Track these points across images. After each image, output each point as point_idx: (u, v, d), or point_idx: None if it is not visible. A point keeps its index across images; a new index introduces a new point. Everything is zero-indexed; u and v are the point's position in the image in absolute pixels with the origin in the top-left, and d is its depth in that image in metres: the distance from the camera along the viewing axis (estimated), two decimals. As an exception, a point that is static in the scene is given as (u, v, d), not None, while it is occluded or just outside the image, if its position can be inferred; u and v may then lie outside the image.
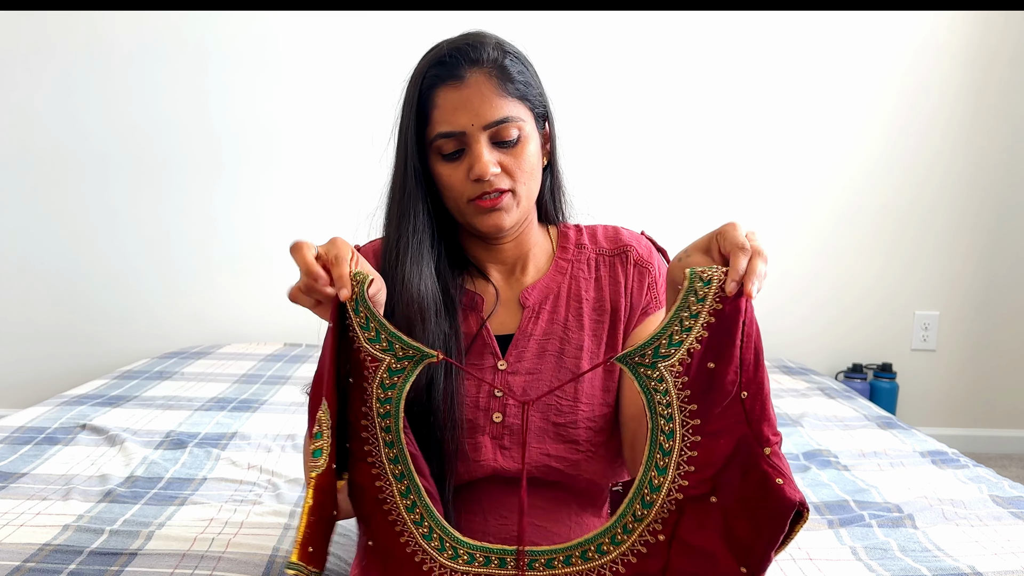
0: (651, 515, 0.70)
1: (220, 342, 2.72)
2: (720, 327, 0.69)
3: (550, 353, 0.94)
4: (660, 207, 2.75)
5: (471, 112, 0.88)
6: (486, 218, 0.91)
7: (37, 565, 1.07)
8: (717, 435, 0.69)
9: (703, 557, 0.69)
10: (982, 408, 2.89)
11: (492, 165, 0.88)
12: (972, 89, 2.72)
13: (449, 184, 0.91)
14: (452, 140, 0.89)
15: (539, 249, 1.00)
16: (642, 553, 0.71)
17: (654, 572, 0.70)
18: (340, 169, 2.71)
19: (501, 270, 0.99)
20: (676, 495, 0.70)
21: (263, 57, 2.68)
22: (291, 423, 1.81)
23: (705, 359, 0.69)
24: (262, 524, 1.26)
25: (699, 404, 0.69)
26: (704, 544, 0.69)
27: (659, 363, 0.70)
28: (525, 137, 0.91)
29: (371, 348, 0.74)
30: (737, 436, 0.68)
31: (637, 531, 0.71)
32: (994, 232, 2.80)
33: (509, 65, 0.91)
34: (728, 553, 0.68)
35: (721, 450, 0.68)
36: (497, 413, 0.91)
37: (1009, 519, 1.31)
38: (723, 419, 0.69)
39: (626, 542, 0.71)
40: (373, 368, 0.74)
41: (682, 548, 0.70)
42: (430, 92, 0.89)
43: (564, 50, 2.67)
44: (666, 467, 0.70)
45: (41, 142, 2.69)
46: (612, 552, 0.72)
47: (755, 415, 0.68)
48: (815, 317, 2.82)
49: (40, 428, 1.71)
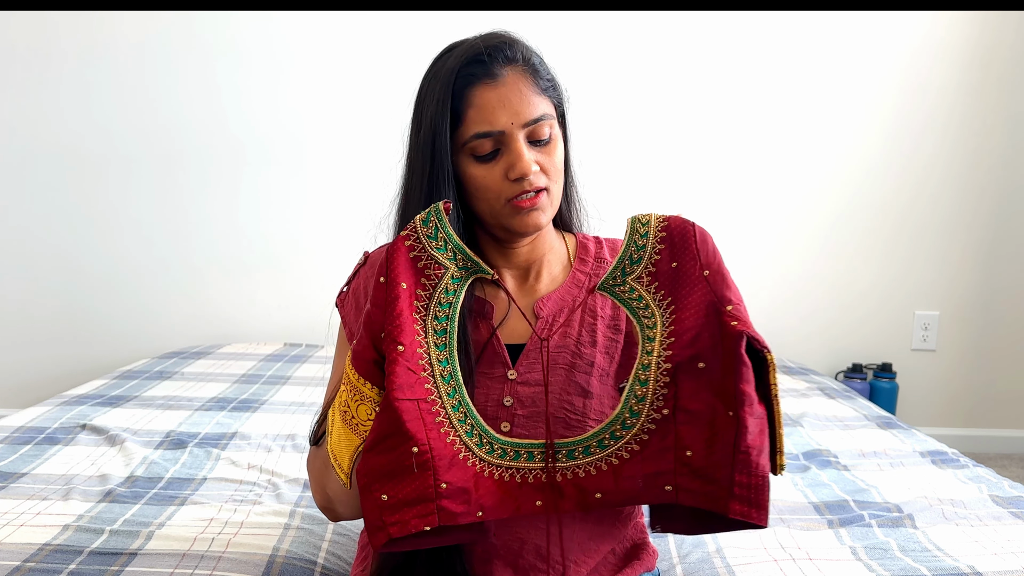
0: (649, 392, 0.79)
1: (220, 342, 2.73)
2: (671, 240, 0.82)
3: (560, 366, 0.92)
4: (659, 207, 2.74)
5: (510, 110, 0.86)
6: (525, 217, 0.89)
7: (37, 565, 1.08)
8: (687, 308, 0.79)
9: (705, 419, 0.76)
10: (982, 408, 2.89)
11: (533, 163, 0.87)
12: (972, 89, 2.73)
13: (484, 185, 0.88)
14: (490, 140, 0.87)
15: (554, 255, 0.99)
16: (651, 430, 0.78)
17: (667, 446, 0.78)
18: (341, 170, 2.71)
19: (515, 275, 0.98)
20: (665, 366, 0.78)
21: (263, 57, 2.68)
22: (291, 423, 1.81)
23: (669, 262, 0.82)
24: (262, 524, 1.26)
25: (672, 296, 0.81)
26: (703, 408, 0.76)
27: (627, 278, 0.83)
28: (556, 136, 0.91)
29: (439, 256, 0.82)
30: (705, 304, 0.78)
31: (643, 412, 0.79)
32: (994, 232, 2.81)
33: (537, 63, 0.91)
34: (720, 405, 0.76)
35: (693, 318, 0.78)
36: (505, 423, 0.90)
37: (1009, 519, 1.31)
38: (692, 295, 0.80)
39: (636, 424, 0.79)
40: (438, 276, 0.82)
41: (686, 416, 0.77)
42: (464, 91, 0.87)
43: (568, 54, 2.67)
44: (652, 350, 0.80)
45: (40, 142, 2.69)
46: (625, 436, 0.80)
47: (716, 284, 0.79)
48: (815, 317, 2.82)
49: (40, 428, 1.71)
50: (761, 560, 1.15)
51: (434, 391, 0.80)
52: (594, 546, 0.94)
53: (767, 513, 0.73)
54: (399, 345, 0.78)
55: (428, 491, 0.76)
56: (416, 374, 0.79)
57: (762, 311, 2.80)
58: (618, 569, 0.97)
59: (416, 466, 0.76)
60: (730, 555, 1.18)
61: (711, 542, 1.23)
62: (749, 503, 0.73)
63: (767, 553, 1.18)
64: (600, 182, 2.76)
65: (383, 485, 0.76)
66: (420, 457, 0.76)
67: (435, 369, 0.81)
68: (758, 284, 2.78)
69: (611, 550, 0.97)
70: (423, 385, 0.79)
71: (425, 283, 0.82)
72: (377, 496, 0.76)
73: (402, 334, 0.79)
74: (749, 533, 1.25)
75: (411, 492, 0.76)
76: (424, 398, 0.79)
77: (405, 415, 0.77)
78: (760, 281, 2.78)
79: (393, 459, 0.76)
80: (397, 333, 0.79)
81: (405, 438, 0.76)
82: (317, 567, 1.14)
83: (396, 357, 0.78)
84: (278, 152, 2.73)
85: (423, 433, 0.77)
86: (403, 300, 0.80)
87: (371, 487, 0.76)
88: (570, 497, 0.80)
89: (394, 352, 0.78)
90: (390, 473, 0.76)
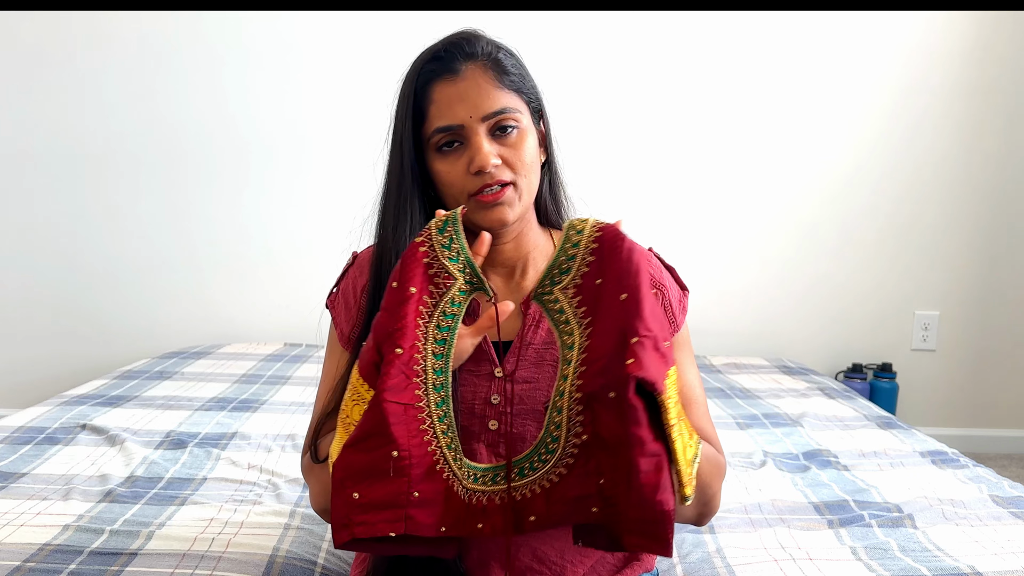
0: (564, 419, 0.78)
1: (220, 342, 2.72)
2: (601, 253, 0.79)
3: (548, 363, 0.92)
4: (658, 208, 2.75)
5: (469, 104, 0.87)
6: (489, 213, 0.89)
7: (37, 565, 1.08)
8: (602, 332, 0.77)
9: (614, 449, 0.75)
10: (982, 408, 2.89)
11: (493, 156, 0.87)
12: (972, 89, 2.73)
13: (449, 180, 0.90)
14: (450, 134, 0.88)
15: (539, 252, 0.99)
16: (575, 454, 0.78)
17: (591, 471, 0.77)
18: (342, 170, 2.71)
19: (501, 273, 0.98)
20: (576, 395, 0.77)
21: (266, 58, 2.68)
22: (291, 423, 1.81)
23: (595, 277, 0.79)
24: (262, 524, 1.26)
25: (592, 316, 0.79)
26: (617, 437, 0.75)
27: (554, 288, 0.81)
28: (523, 130, 0.91)
29: (450, 266, 0.82)
30: (618, 331, 0.76)
31: (562, 438, 0.78)
32: (994, 232, 2.80)
33: (503, 58, 0.91)
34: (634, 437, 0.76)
35: (605, 346, 0.76)
36: (493, 421, 0.90)
37: (1009, 519, 1.31)
38: (608, 318, 0.77)
39: (558, 450, 0.79)
40: (447, 285, 0.81)
41: (601, 443, 0.76)
42: (426, 88, 0.89)
43: (561, 54, 2.67)
44: (567, 375, 0.78)
45: (40, 142, 2.69)
46: (550, 460, 0.79)
47: (630, 312, 0.76)
48: (815, 317, 2.82)
49: (40, 428, 1.71)
50: (761, 560, 1.15)
51: (424, 398, 0.79)
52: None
53: (670, 545, 0.72)
54: (398, 348, 0.78)
55: (400, 497, 0.76)
56: (409, 379, 0.79)
57: (762, 311, 2.80)
58: (617, 569, 0.97)
59: (393, 470, 0.76)
60: (730, 555, 1.18)
61: (711, 542, 1.23)
62: (645, 536, 0.73)
63: (767, 553, 1.18)
64: (598, 184, 2.74)
65: (357, 483, 0.76)
66: (399, 462, 0.76)
67: (429, 376, 0.80)
68: (758, 284, 2.78)
69: (610, 549, 0.97)
70: (414, 391, 0.79)
71: (433, 291, 0.81)
72: (349, 493, 0.76)
73: (403, 338, 0.79)
74: (750, 533, 1.26)
75: (383, 495, 0.76)
76: (413, 403, 0.78)
77: (391, 417, 0.76)
78: (760, 281, 2.78)
79: (372, 459, 0.76)
80: (399, 336, 0.79)
81: (387, 440, 0.76)
82: (317, 567, 1.14)
83: (393, 359, 0.78)
84: (279, 152, 2.72)
85: (406, 438, 0.77)
86: (410, 304, 0.80)
87: (345, 483, 0.76)
88: (508, 520, 0.80)
89: (391, 354, 0.78)
90: (366, 472, 0.76)
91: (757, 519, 1.32)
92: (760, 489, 1.46)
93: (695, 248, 2.76)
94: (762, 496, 1.43)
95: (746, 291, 2.78)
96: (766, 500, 1.41)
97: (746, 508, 1.37)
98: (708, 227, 2.78)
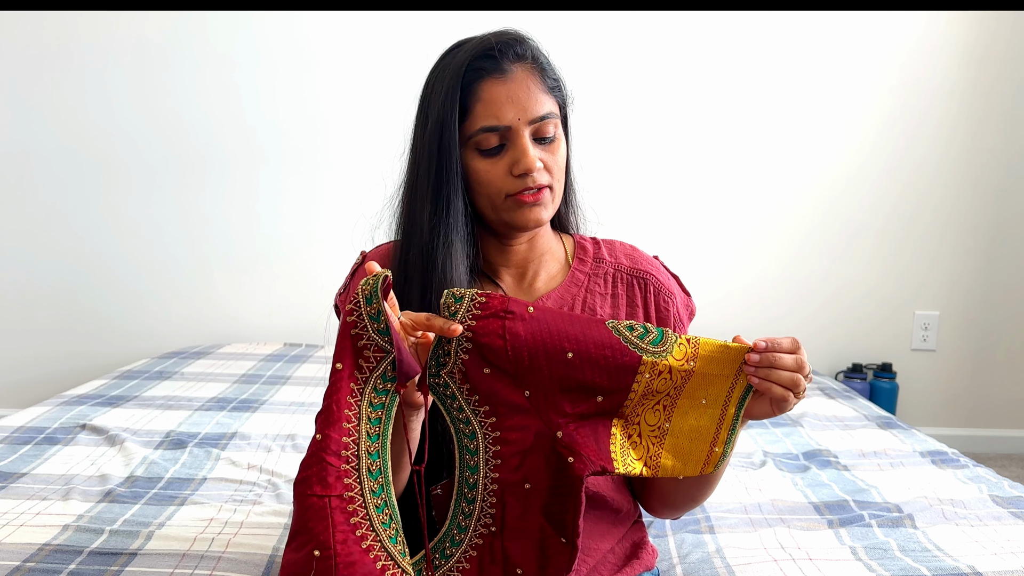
0: (476, 509, 0.76)
1: (220, 342, 2.72)
2: (478, 336, 0.74)
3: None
4: (658, 209, 2.75)
5: (518, 106, 0.87)
6: (527, 212, 0.89)
7: (37, 565, 1.08)
8: (513, 429, 0.75)
9: (533, 539, 0.75)
10: (982, 408, 2.89)
11: (537, 160, 0.88)
12: (972, 88, 2.72)
13: (487, 180, 0.89)
14: (496, 134, 0.88)
15: (551, 256, 0.99)
16: (479, 545, 0.76)
17: (497, 561, 0.76)
18: (342, 170, 2.71)
19: (512, 274, 0.98)
20: (492, 487, 0.75)
21: (262, 58, 2.68)
22: (291, 423, 1.81)
23: (480, 366, 0.74)
24: (262, 524, 1.26)
25: (489, 405, 0.75)
26: (529, 527, 0.75)
27: (441, 371, 0.76)
28: (560, 135, 0.92)
29: (379, 340, 0.74)
30: (533, 430, 0.74)
31: (471, 528, 0.76)
32: (994, 232, 2.80)
33: (545, 63, 0.92)
34: (550, 528, 0.75)
35: (520, 443, 0.74)
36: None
37: (1009, 519, 1.31)
38: (514, 415, 0.75)
39: (464, 541, 0.77)
40: (377, 359, 0.74)
41: (513, 535, 0.75)
42: (473, 85, 0.88)
43: (564, 55, 2.66)
44: (476, 465, 0.76)
45: (40, 142, 2.69)
46: (455, 554, 0.77)
47: (540, 407, 0.73)
48: (815, 317, 2.82)
49: (40, 428, 1.71)
50: (761, 560, 1.15)
51: (356, 486, 0.72)
52: (593, 545, 0.94)
53: None
54: (317, 434, 0.72)
55: None
56: (337, 466, 0.71)
57: (762, 311, 2.79)
58: (618, 568, 0.97)
59: (315, 572, 0.69)
60: (730, 555, 1.18)
61: (711, 542, 1.23)
62: None
63: (767, 553, 1.18)
64: (600, 185, 2.75)
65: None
66: (322, 562, 0.69)
67: (363, 461, 0.73)
68: (758, 284, 2.78)
69: (610, 549, 0.97)
70: (343, 479, 0.71)
71: (363, 365, 0.74)
72: None
73: (325, 422, 0.72)
74: (749, 533, 1.26)
75: None
76: (340, 494, 0.71)
77: (309, 512, 0.70)
78: (760, 281, 2.78)
79: (301, 559, 0.70)
80: (319, 420, 0.72)
81: (309, 538, 0.70)
82: (317, 567, 1.14)
83: (312, 446, 0.72)
84: (279, 152, 2.72)
85: (328, 535, 0.70)
86: (341, 382, 0.73)
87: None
88: None
89: (313, 440, 0.72)
90: (299, 574, 0.70)
91: (757, 519, 1.32)
92: (760, 489, 1.46)
93: (695, 249, 2.76)
94: (762, 496, 1.43)
95: (746, 291, 2.78)
96: (766, 500, 1.41)
97: (746, 508, 1.37)
98: (708, 228, 2.78)
